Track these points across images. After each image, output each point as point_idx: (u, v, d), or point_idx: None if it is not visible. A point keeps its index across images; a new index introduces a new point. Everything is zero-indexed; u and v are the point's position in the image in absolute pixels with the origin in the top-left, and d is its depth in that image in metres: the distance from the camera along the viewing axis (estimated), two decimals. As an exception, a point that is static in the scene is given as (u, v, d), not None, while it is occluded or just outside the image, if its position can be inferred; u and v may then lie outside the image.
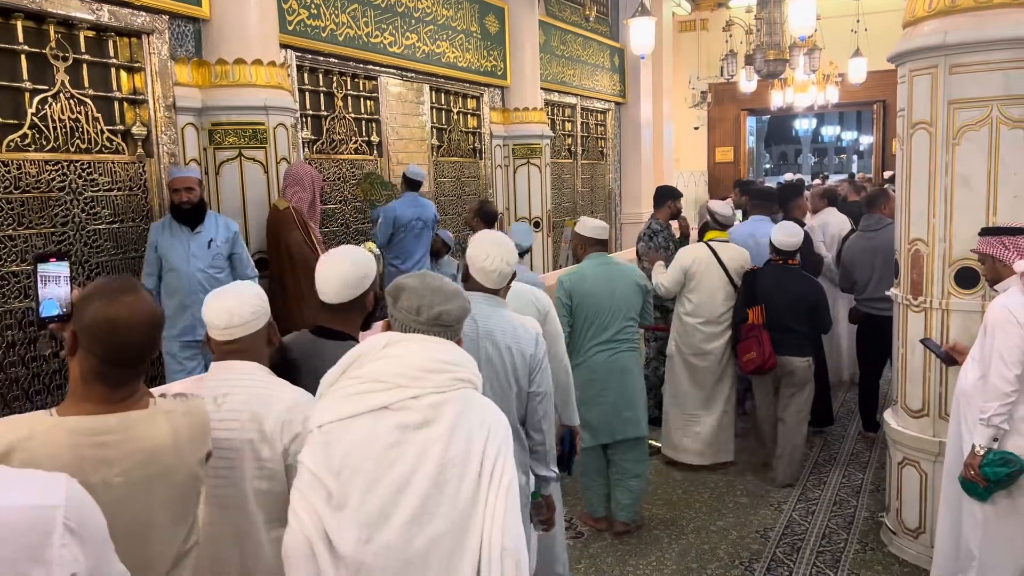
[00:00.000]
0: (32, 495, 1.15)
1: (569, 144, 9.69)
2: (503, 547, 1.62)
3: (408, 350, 1.73)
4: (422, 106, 6.86)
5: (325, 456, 1.66)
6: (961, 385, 3.11)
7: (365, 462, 1.64)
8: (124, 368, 1.56)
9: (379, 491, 1.64)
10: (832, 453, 5.23)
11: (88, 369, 1.53)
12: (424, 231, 5.75)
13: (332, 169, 5.88)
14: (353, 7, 5.81)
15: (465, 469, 1.65)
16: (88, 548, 1.18)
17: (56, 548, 1.13)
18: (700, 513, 4.38)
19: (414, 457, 1.65)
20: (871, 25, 11.35)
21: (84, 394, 1.54)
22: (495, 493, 1.65)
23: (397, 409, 1.67)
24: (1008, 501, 2.92)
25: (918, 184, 3.54)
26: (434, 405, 1.68)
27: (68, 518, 1.15)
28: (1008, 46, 3.23)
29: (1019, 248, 2.97)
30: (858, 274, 5.35)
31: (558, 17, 9.14)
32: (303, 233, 4.51)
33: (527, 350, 2.58)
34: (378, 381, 1.69)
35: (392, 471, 1.64)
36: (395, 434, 1.66)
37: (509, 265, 2.65)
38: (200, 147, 4.65)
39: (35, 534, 1.11)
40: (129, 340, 1.53)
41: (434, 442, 1.65)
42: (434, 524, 1.62)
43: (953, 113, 3.38)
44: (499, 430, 1.72)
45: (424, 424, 1.67)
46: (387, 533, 1.62)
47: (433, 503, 1.63)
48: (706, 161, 14.73)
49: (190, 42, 4.62)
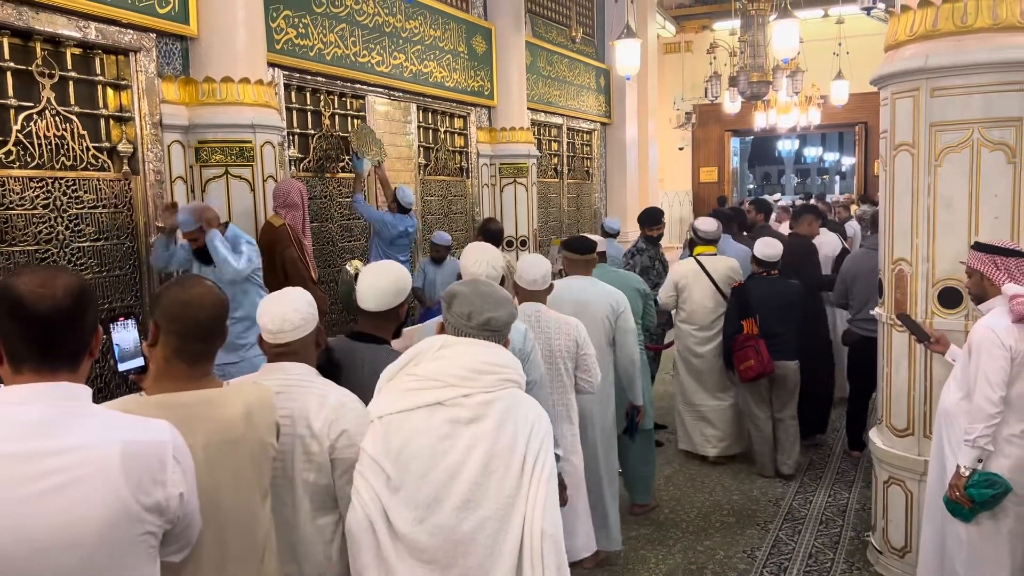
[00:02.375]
0: (151, 432, 1.45)
1: (555, 163, 9.74)
2: (543, 531, 1.81)
3: (460, 352, 1.92)
4: (409, 125, 6.88)
5: (384, 443, 1.86)
6: (943, 405, 3.13)
7: (420, 451, 1.84)
8: (199, 343, 1.78)
9: (432, 478, 1.83)
10: (818, 472, 5.24)
11: (169, 349, 1.76)
12: (406, 245, 5.88)
13: (319, 187, 5.88)
14: (341, 27, 5.84)
15: (510, 461, 1.84)
16: (187, 476, 1.48)
17: (169, 472, 1.43)
18: (687, 533, 4.37)
19: (464, 449, 1.84)
20: (852, 49, 11.53)
21: (166, 374, 1.77)
22: (537, 483, 1.84)
23: (450, 406, 1.87)
24: (992, 523, 2.93)
25: (901, 205, 3.58)
26: (483, 403, 1.87)
27: (176, 450, 1.46)
28: (988, 70, 3.28)
29: (1009, 270, 2.96)
30: (857, 289, 5.26)
31: (544, 38, 9.21)
32: (298, 251, 4.52)
33: (516, 345, 2.75)
34: (433, 379, 1.89)
35: (444, 460, 1.84)
36: (447, 427, 1.85)
37: (495, 269, 2.95)
38: (186, 165, 4.64)
39: (156, 460, 1.42)
40: (201, 317, 1.77)
41: (483, 436, 1.85)
42: (482, 509, 1.82)
43: (935, 135, 3.42)
44: (541, 426, 1.91)
45: (474, 420, 1.86)
46: (439, 515, 1.82)
47: (481, 490, 1.82)
48: (691, 181, 14.86)
49: (177, 60, 4.62)
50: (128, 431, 1.41)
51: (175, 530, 1.50)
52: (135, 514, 1.38)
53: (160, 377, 1.79)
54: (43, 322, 1.37)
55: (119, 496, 1.35)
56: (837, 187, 35.03)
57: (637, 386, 3.96)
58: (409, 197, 5.81)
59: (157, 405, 1.70)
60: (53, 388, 1.38)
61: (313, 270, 4.82)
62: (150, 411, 1.64)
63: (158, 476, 1.41)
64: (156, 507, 1.41)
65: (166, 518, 1.44)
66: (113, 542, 1.36)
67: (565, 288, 3.81)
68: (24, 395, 1.37)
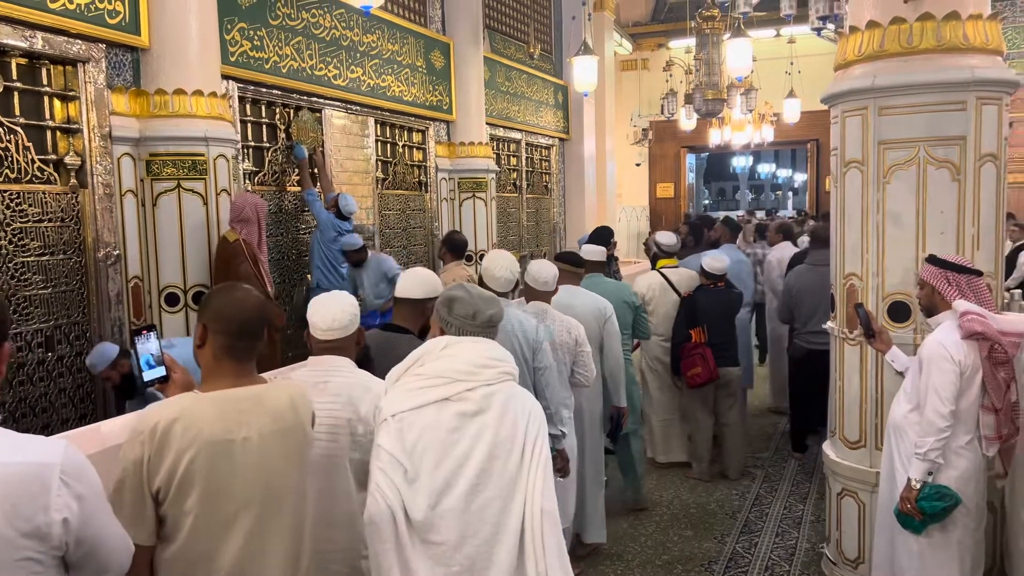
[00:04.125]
0: (36, 455, 1.40)
1: (514, 178, 9.77)
2: (543, 509, 2.03)
3: (464, 350, 2.13)
4: (367, 139, 6.84)
5: (400, 440, 2.04)
6: (893, 417, 3.18)
7: (433, 443, 2.03)
8: (246, 340, 1.96)
9: (444, 466, 2.02)
10: (773, 485, 5.30)
11: (219, 347, 1.94)
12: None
13: (274, 201, 5.80)
14: (297, 40, 5.79)
15: (512, 447, 2.06)
16: (84, 499, 1.43)
17: (53, 496, 1.38)
18: (645, 547, 4.38)
19: (471, 438, 2.04)
20: (804, 68, 11.80)
21: (217, 372, 1.94)
22: (535, 466, 2.07)
23: (456, 400, 2.06)
24: (942, 535, 2.98)
25: (852, 221, 3.65)
26: (486, 396, 2.08)
27: (66, 473, 1.41)
28: (932, 90, 3.37)
29: (960, 286, 3.02)
30: (804, 303, 5.42)
31: (503, 54, 9.25)
32: (252, 266, 4.46)
33: (529, 336, 3.30)
34: (440, 377, 2.09)
35: (454, 450, 2.03)
36: (455, 420, 2.05)
37: (513, 274, 3.43)
38: (137, 178, 4.54)
39: (36, 484, 1.38)
40: (249, 315, 1.96)
41: (487, 426, 2.06)
42: (487, 491, 2.03)
43: (883, 153, 3.51)
44: (537, 415, 2.14)
45: (478, 412, 2.07)
46: (450, 499, 2.01)
47: (487, 475, 2.03)
48: (648, 196, 15.01)
49: (128, 71, 4.53)
50: (8, 454, 1.37)
51: (73, 556, 1.45)
52: (9, 539, 1.34)
53: (211, 375, 1.96)
54: None
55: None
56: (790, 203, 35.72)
57: (621, 389, 4.20)
58: (352, 207, 5.77)
59: (213, 401, 1.89)
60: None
61: (269, 285, 4.76)
62: (206, 407, 1.86)
63: (39, 500, 1.37)
64: (35, 532, 1.37)
65: (51, 544, 1.39)
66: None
67: (559, 294, 4.03)
68: None
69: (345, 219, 5.72)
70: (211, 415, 1.86)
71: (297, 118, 5.93)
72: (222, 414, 1.88)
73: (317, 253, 5.72)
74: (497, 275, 3.41)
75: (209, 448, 1.83)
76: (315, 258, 5.73)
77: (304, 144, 5.86)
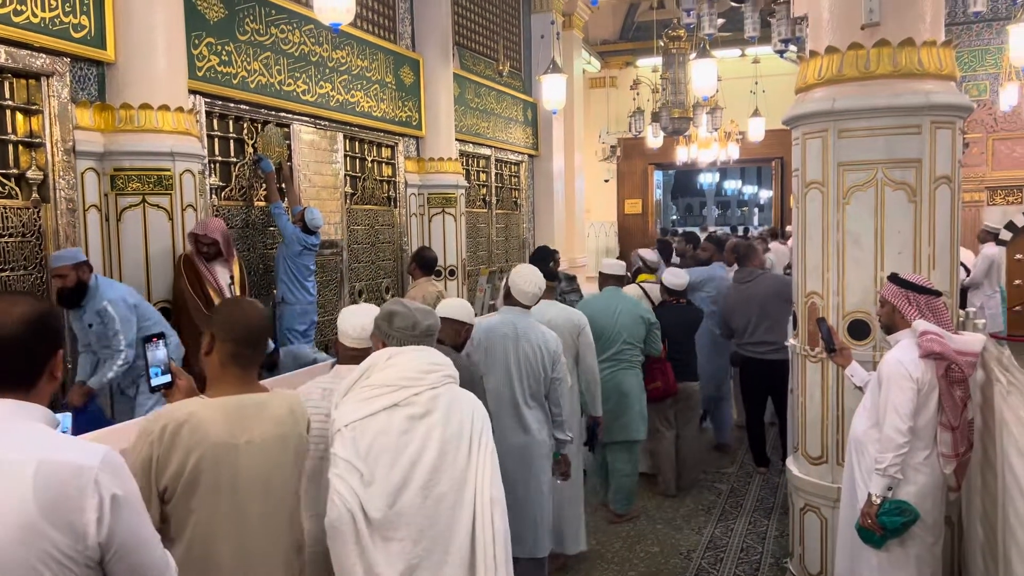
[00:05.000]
0: (77, 456, 1.45)
1: (484, 194, 9.80)
2: (492, 497, 2.22)
3: (408, 358, 2.30)
4: (336, 154, 6.82)
5: (354, 447, 2.18)
6: (854, 433, 3.24)
7: (386, 447, 2.18)
8: (251, 348, 2.12)
9: (398, 467, 2.17)
10: (738, 500, 5.36)
11: (226, 355, 2.09)
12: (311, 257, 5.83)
13: (241, 215, 5.76)
14: (266, 55, 5.78)
15: (459, 444, 2.24)
16: (116, 503, 1.46)
17: (88, 498, 1.42)
18: (612, 564, 4.40)
19: (421, 439, 2.21)
20: (768, 87, 12.01)
21: (223, 379, 2.09)
22: (482, 458, 2.25)
23: (404, 405, 2.23)
24: (901, 549, 3.04)
25: (812, 240, 3.73)
26: (431, 398, 2.25)
27: (100, 476, 1.44)
28: (889, 114, 3.47)
29: (920, 306, 3.09)
30: (736, 321, 5.77)
31: (472, 71, 9.30)
32: (185, 280, 4.47)
33: (551, 347, 3.64)
34: (387, 385, 2.25)
35: (406, 451, 2.19)
36: (405, 424, 2.21)
37: (540, 288, 3.74)
38: (101, 193, 4.49)
39: (73, 483, 1.42)
40: (254, 324, 2.13)
41: (435, 426, 2.23)
42: (440, 486, 2.19)
43: (843, 174, 3.59)
44: (479, 411, 2.33)
45: (426, 414, 2.23)
46: (406, 497, 2.16)
47: (438, 471, 2.19)
48: (616, 212, 15.13)
49: (93, 85, 4.48)
50: (51, 451, 1.44)
51: (108, 561, 1.48)
52: (40, 531, 1.39)
53: (217, 381, 2.10)
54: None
55: (26, 511, 1.38)
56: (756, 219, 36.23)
57: (597, 399, 4.36)
58: (318, 221, 5.75)
59: (220, 406, 2.03)
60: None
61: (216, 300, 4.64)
62: (213, 411, 2.00)
63: (75, 500, 1.42)
64: (71, 530, 1.42)
65: (86, 543, 1.43)
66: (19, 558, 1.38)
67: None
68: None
69: (312, 233, 5.70)
70: (217, 419, 2.00)
71: (263, 133, 5.90)
72: (227, 418, 2.02)
73: (283, 267, 5.68)
74: (526, 289, 3.71)
75: (214, 450, 1.97)
76: (280, 272, 5.69)
77: (270, 158, 5.84)
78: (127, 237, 4.53)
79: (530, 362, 3.60)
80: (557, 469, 3.71)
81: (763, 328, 5.51)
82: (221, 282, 4.62)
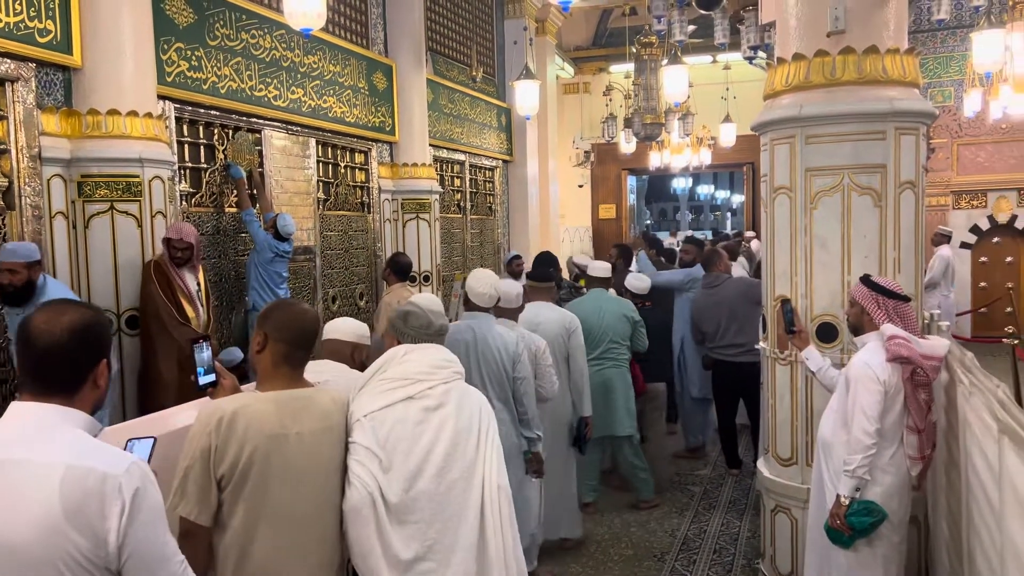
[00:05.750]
0: (103, 463, 1.50)
1: (458, 199, 9.80)
2: (499, 485, 2.40)
3: (422, 355, 2.48)
4: (308, 159, 6.79)
5: (374, 435, 2.31)
6: (822, 434, 3.29)
7: (403, 436, 2.33)
8: (303, 350, 2.28)
9: (414, 455, 2.33)
10: (711, 502, 5.40)
11: (278, 355, 2.23)
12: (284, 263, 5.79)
13: (211, 223, 5.71)
14: (236, 60, 5.74)
15: (469, 435, 2.41)
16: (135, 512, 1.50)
17: (108, 505, 1.47)
18: (587, 567, 4.41)
19: (435, 429, 2.37)
20: (739, 93, 12.14)
21: (274, 376, 2.23)
22: (490, 449, 2.43)
23: (419, 397, 2.39)
24: (869, 549, 3.09)
25: (781, 245, 3.78)
26: (444, 392, 2.43)
27: (124, 485, 1.49)
28: (854, 120, 3.52)
29: (888, 311, 3.14)
30: (706, 326, 5.84)
31: (446, 76, 9.31)
32: (156, 286, 4.42)
33: (510, 348, 3.70)
34: (404, 379, 2.41)
35: (421, 440, 2.35)
36: (420, 415, 2.37)
37: (495, 291, 3.81)
38: (68, 200, 4.43)
39: (96, 490, 1.47)
40: (307, 327, 2.29)
41: (448, 418, 2.39)
42: (452, 473, 2.35)
43: (810, 179, 3.64)
44: (486, 406, 2.52)
45: (439, 406, 2.40)
46: (421, 482, 2.32)
47: (451, 459, 2.36)
48: (590, 217, 15.20)
49: (59, 91, 4.43)
50: (79, 458, 1.49)
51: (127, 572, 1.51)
52: (64, 533, 1.44)
53: (268, 379, 2.24)
54: (39, 354, 1.56)
55: (52, 513, 1.44)
56: (729, 223, 36.53)
57: (586, 400, 4.51)
58: (290, 227, 5.72)
59: (273, 399, 2.18)
60: (34, 409, 1.55)
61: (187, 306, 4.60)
62: (266, 404, 2.15)
63: (96, 506, 1.47)
64: (92, 535, 1.46)
65: (107, 550, 1.48)
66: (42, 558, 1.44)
67: (527, 310, 4.31)
68: (10, 412, 1.57)
69: (284, 240, 5.67)
70: (270, 412, 2.14)
71: (233, 140, 5.85)
72: (279, 411, 2.16)
73: (254, 274, 5.64)
74: (480, 291, 3.77)
75: (267, 442, 2.10)
76: (252, 279, 5.65)
77: (240, 165, 5.79)
78: (95, 245, 4.48)
79: (490, 364, 3.67)
80: (529, 467, 3.80)
81: (732, 331, 5.58)
82: (191, 288, 4.58)
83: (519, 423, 3.75)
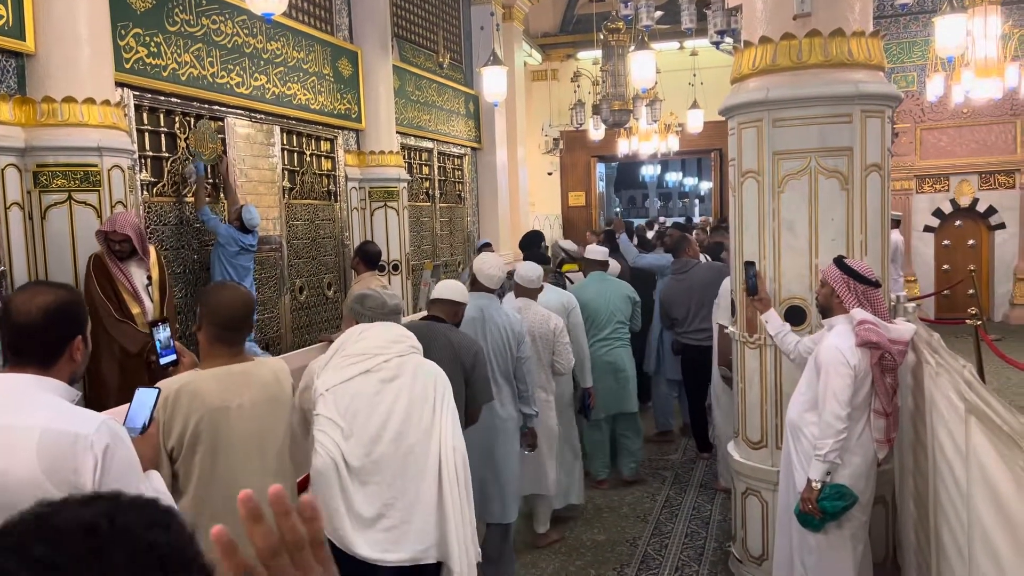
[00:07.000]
0: (74, 425, 1.66)
1: (427, 187, 9.72)
2: (454, 447, 2.62)
3: (377, 332, 2.72)
4: (273, 148, 6.68)
5: (335, 407, 2.57)
6: (789, 417, 3.31)
7: (361, 406, 2.57)
8: (234, 332, 2.43)
9: (372, 422, 2.56)
10: (683, 486, 5.43)
11: (212, 336, 2.40)
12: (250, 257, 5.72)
13: (173, 212, 5.59)
14: (197, 47, 5.61)
15: (424, 402, 2.62)
16: (107, 466, 1.64)
17: (80, 462, 1.62)
18: (559, 554, 4.41)
19: (391, 399, 2.60)
20: (706, 80, 12.16)
21: (211, 354, 2.41)
22: (444, 415, 2.64)
23: (376, 371, 2.63)
24: (838, 531, 3.12)
25: (749, 229, 3.78)
26: (399, 364, 2.65)
27: (95, 443, 1.64)
28: (821, 103, 3.53)
29: (858, 294, 3.15)
30: (676, 311, 5.87)
31: (412, 63, 9.21)
32: (94, 282, 4.22)
33: (515, 328, 3.88)
34: (361, 355, 2.64)
35: (379, 409, 2.58)
36: (377, 386, 2.60)
37: (502, 272, 4.00)
38: (23, 190, 4.30)
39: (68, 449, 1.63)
40: (237, 311, 2.42)
41: (403, 388, 2.62)
42: (409, 438, 2.58)
43: (777, 163, 3.65)
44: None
45: (395, 378, 2.63)
46: (380, 447, 2.55)
47: (407, 425, 2.58)
48: (560, 204, 15.18)
49: (12, 77, 4.29)
50: (54, 421, 1.65)
51: None
52: (45, 489, 1.54)
53: (207, 356, 2.41)
54: (17, 331, 1.74)
55: (32, 470, 1.59)
56: (697, 210, 36.75)
57: (587, 371, 4.81)
58: (255, 219, 5.61)
59: (213, 376, 2.36)
60: (14, 378, 1.71)
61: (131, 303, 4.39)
62: (207, 380, 2.33)
63: (70, 463, 1.62)
64: (70, 488, 1.55)
65: None
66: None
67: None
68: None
69: (248, 232, 5.56)
70: (211, 386, 2.32)
71: (195, 128, 5.72)
72: (220, 385, 2.33)
73: (218, 268, 5.53)
74: (492, 274, 3.94)
75: (211, 414, 2.29)
76: (216, 273, 5.53)
77: (203, 156, 5.65)
78: (52, 236, 4.36)
79: (497, 343, 3.80)
80: (524, 441, 3.93)
81: (700, 316, 5.60)
82: (136, 283, 4.34)
83: (519, 399, 3.88)
